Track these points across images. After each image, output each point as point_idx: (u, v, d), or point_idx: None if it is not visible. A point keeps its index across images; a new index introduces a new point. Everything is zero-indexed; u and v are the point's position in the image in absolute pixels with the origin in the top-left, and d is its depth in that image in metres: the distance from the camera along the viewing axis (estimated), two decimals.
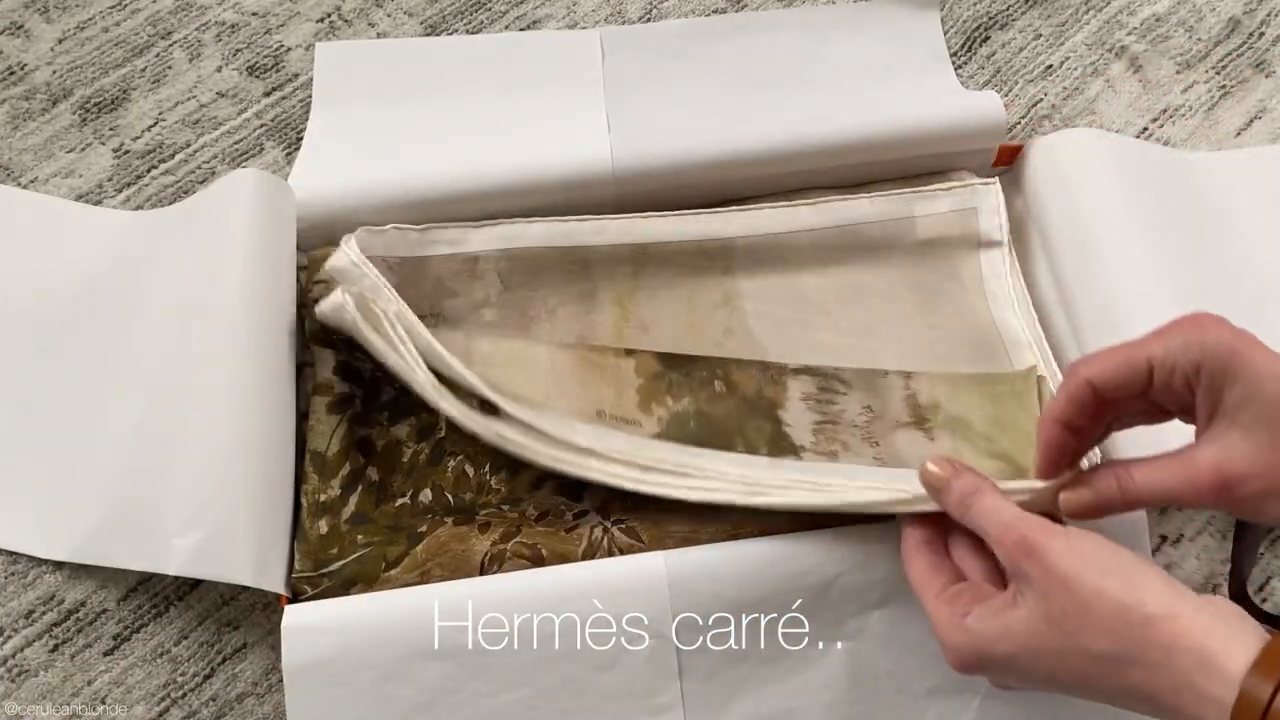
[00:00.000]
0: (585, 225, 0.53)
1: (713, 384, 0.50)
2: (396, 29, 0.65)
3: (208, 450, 0.45)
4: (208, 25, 0.65)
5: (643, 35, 0.62)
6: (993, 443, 0.48)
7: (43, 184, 0.59)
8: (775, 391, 0.50)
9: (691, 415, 0.49)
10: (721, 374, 0.51)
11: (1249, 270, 0.56)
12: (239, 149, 0.61)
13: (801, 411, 0.50)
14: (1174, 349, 0.36)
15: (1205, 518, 0.53)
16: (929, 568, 0.40)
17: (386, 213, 0.53)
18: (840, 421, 0.50)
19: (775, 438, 0.48)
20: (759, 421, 0.49)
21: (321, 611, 0.43)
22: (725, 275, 0.55)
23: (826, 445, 0.48)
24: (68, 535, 0.48)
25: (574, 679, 0.43)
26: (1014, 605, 0.36)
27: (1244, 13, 0.67)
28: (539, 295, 0.53)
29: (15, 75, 0.62)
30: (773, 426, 0.49)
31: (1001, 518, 0.37)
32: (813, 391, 0.51)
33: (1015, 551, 0.36)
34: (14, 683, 0.47)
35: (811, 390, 0.51)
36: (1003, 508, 0.37)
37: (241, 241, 0.49)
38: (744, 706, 0.44)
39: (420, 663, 0.42)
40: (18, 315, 0.54)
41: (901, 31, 0.63)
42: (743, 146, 0.55)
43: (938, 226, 0.56)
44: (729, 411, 0.49)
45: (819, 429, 0.49)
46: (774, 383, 0.51)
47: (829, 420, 0.49)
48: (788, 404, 0.50)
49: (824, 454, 0.48)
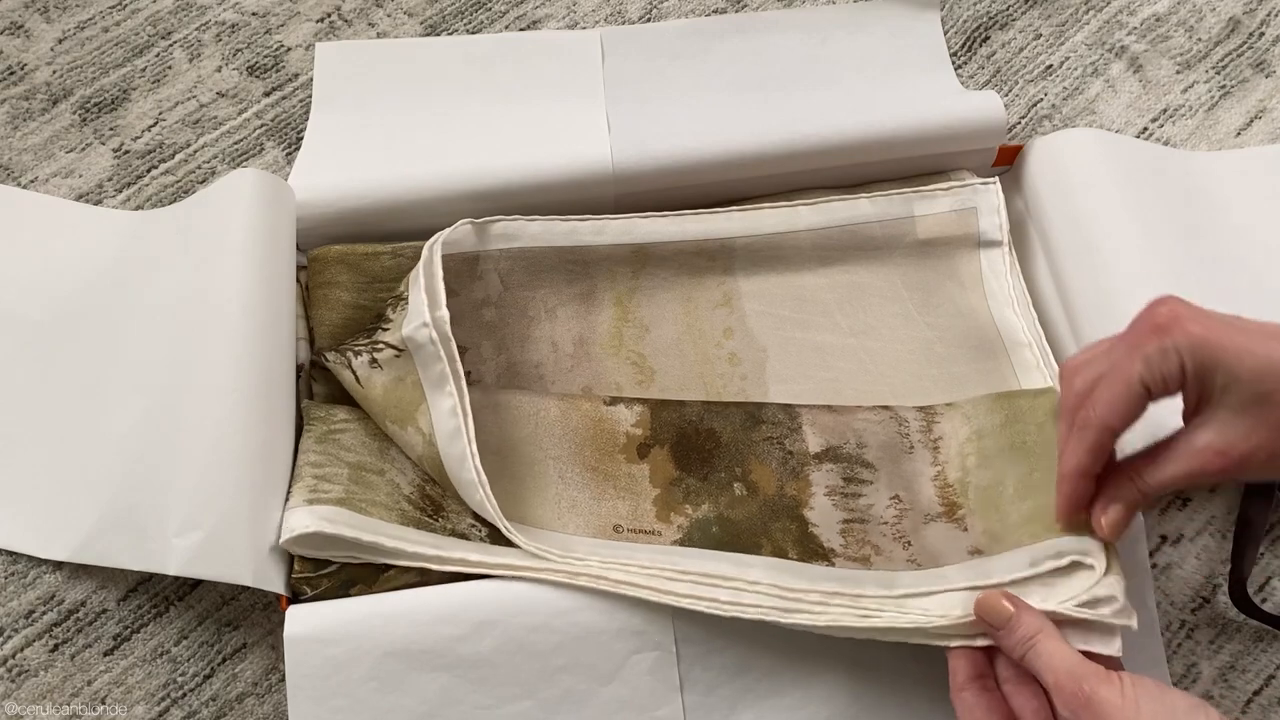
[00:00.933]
0: (585, 225, 0.53)
1: (732, 487, 0.48)
2: (396, 29, 0.65)
3: (207, 450, 0.45)
4: (208, 25, 0.65)
5: (643, 35, 0.62)
6: (1023, 500, 0.45)
7: (43, 184, 0.59)
8: (798, 488, 0.48)
9: (713, 521, 0.46)
10: (740, 472, 0.48)
11: (1248, 270, 0.56)
12: (239, 149, 0.61)
13: (828, 509, 0.47)
14: (1155, 362, 0.38)
15: (1205, 518, 0.53)
16: (984, 709, 0.40)
17: (386, 213, 0.53)
18: (869, 520, 0.47)
19: (803, 539, 0.46)
20: (784, 523, 0.46)
21: (323, 619, 0.43)
22: (725, 275, 0.55)
23: (857, 549, 0.46)
24: (68, 535, 0.48)
25: (575, 691, 0.43)
26: None
27: (1244, 13, 0.67)
28: (539, 295, 0.53)
29: (15, 75, 0.62)
30: (799, 527, 0.46)
31: (1062, 665, 0.38)
32: (837, 484, 0.48)
33: (1074, 702, 0.37)
34: (14, 683, 0.47)
35: (836, 483, 0.48)
36: (1064, 654, 0.38)
37: (241, 241, 0.49)
38: None
39: (423, 675, 0.43)
40: (18, 315, 0.54)
41: (902, 31, 0.63)
42: (743, 146, 0.55)
43: (938, 226, 0.56)
44: (752, 514, 0.47)
45: (847, 529, 0.46)
46: (796, 477, 0.48)
47: (857, 519, 0.47)
48: (812, 501, 0.47)
49: (855, 560, 0.45)
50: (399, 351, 0.46)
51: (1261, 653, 0.51)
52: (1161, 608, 0.52)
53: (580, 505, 0.47)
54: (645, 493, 0.48)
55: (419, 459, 0.47)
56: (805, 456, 0.49)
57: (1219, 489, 0.54)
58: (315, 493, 0.44)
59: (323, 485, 0.45)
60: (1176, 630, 0.51)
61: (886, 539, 0.46)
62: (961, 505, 0.47)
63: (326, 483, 0.45)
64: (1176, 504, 0.54)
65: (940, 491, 0.48)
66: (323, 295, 0.51)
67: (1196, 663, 0.50)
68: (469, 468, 0.44)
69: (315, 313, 0.51)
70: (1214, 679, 0.50)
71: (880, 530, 0.47)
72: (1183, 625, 0.51)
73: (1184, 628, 0.51)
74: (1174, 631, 0.51)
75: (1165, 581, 0.52)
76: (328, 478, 0.45)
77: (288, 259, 0.51)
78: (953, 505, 0.47)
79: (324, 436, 0.47)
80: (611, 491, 0.47)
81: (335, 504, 0.44)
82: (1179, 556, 0.53)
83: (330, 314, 0.51)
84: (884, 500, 0.48)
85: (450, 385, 0.45)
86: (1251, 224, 0.58)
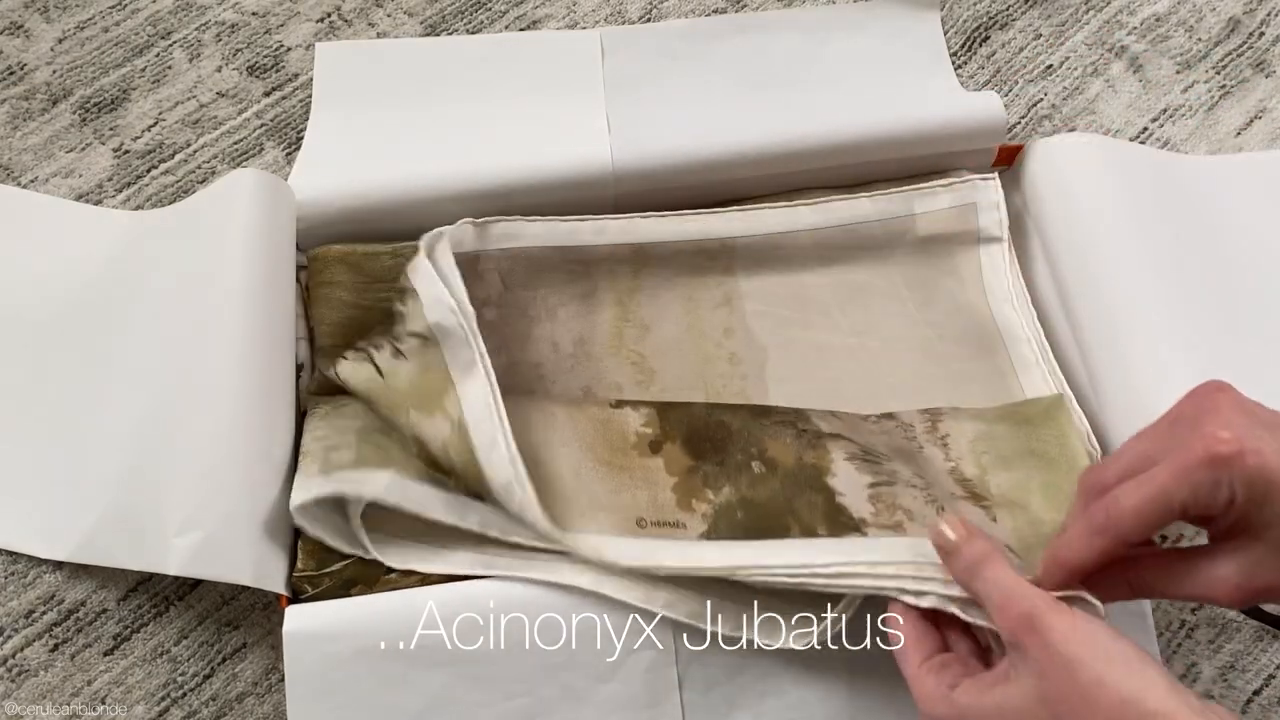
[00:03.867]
0: (585, 225, 0.53)
1: (750, 466, 0.46)
2: (396, 29, 0.65)
3: (207, 450, 0.45)
4: (208, 25, 0.65)
5: (643, 35, 0.62)
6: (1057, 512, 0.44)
7: (43, 184, 0.59)
8: (818, 456, 0.47)
9: (737, 505, 0.45)
10: (756, 451, 0.47)
11: (1245, 274, 0.56)
12: (239, 149, 0.61)
13: (851, 474, 0.46)
14: (1204, 493, 0.34)
15: None
16: (914, 635, 0.39)
17: (386, 213, 0.53)
18: (896, 482, 0.45)
19: (831, 512, 0.44)
20: (810, 495, 0.45)
21: (322, 617, 0.43)
22: (726, 275, 0.55)
23: (889, 515, 0.44)
24: (68, 535, 0.48)
25: (573, 689, 0.43)
26: (1006, 681, 0.35)
27: (1244, 13, 0.67)
28: (539, 295, 0.53)
29: (15, 75, 0.62)
30: (825, 499, 0.45)
31: (1008, 587, 0.36)
32: (857, 453, 0.47)
33: (1018, 624, 0.34)
34: (14, 683, 0.47)
35: (855, 452, 0.47)
36: (1011, 578, 0.36)
37: (241, 241, 0.49)
38: (743, 718, 0.44)
39: (422, 672, 0.42)
40: (17, 315, 0.54)
41: (901, 31, 0.63)
42: (743, 146, 0.55)
43: (938, 223, 0.56)
44: (774, 492, 0.45)
45: (876, 494, 0.45)
46: (813, 447, 0.47)
47: (884, 481, 0.45)
48: (834, 467, 0.46)
49: (888, 526, 0.44)
50: (424, 339, 0.46)
51: (1261, 653, 0.51)
52: (1161, 608, 0.52)
53: (599, 499, 0.45)
54: (663, 482, 0.46)
55: (444, 445, 0.45)
56: (819, 433, 0.48)
57: None
58: (328, 463, 0.44)
59: (333, 455, 0.45)
60: (1176, 630, 0.51)
61: (919, 501, 0.44)
62: (985, 498, 0.46)
63: (336, 451, 0.45)
64: None
65: (960, 483, 0.47)
66: (323, 295, 0.51)
67: (1196, 663, 0.50)
68: (501, 451, 0.42)
69: (315, 312, 0.51)
70: (1214, 679, 0.50)
71: (911, 493, 0.45)
72: (1183, 625, 0.51)
73: (1184, 628, 0.51)
74: (1174, 631, 0.51)
75: None
76: (336, 446, 0.45)
77: (288, 259, 0.51)
78: (976, 495, 0.46)
79: (326, 414, 0.47)
80: (628, 482, 0.46)
81: (351, 467, 0.44)
82: None
83: (330, 313, 0.51)
84: (907, 473, 0.46)
85: (480, 368, 0.44)
86: (1249, 228, 0.58)
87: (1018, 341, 0.53)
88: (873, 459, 0.47)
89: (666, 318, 0.54)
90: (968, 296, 0.55)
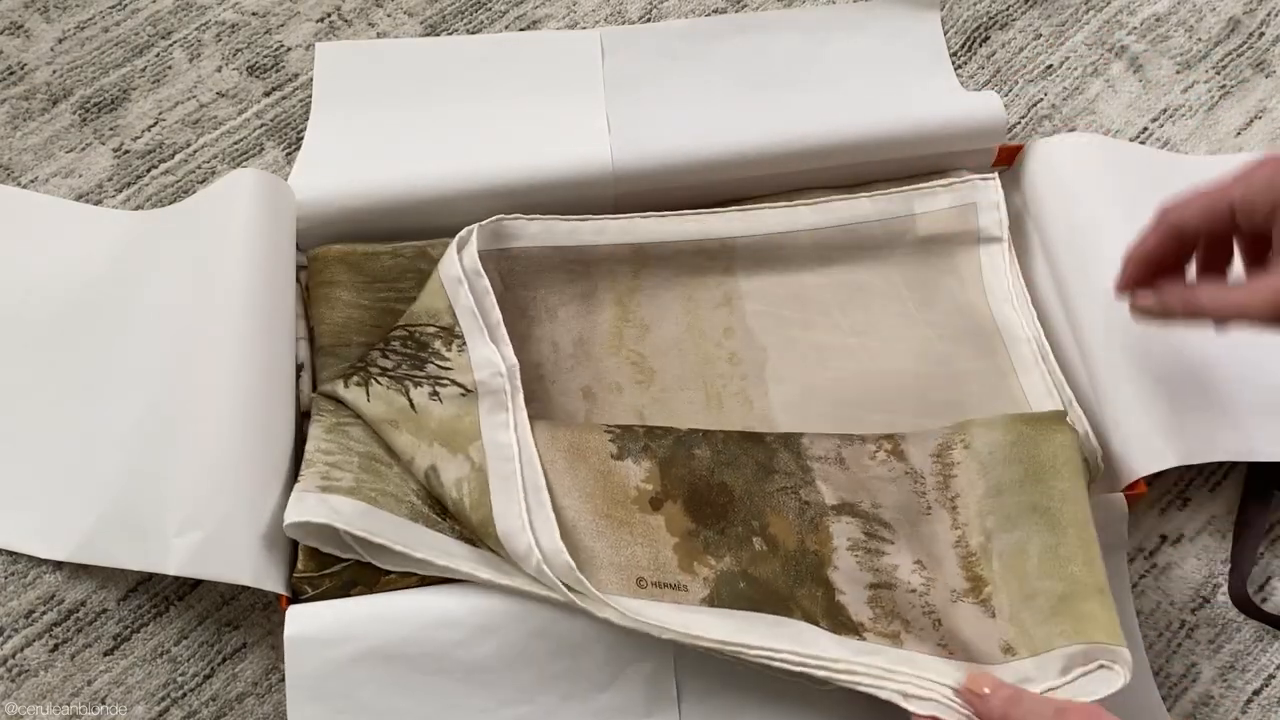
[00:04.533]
0: (585, 225, 0.53)
1: (751, 541, 0.45)
2: (396, 29, 0.65)
3: (208, 450, 0.45)
4: (208, 25, 0.65)
5: (643, 35, 0.62)
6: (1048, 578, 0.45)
7: (43, 184, 0.59)
8: (819, 541, 0.46)
9: (739, 575, 0.44)
10: (758, 526, 0.46)
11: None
12: (239, 149, 0.61)
13: (852, 569, 0.45)
14: (1256, 190, 0.39)
15: (1205, 518, 0.53)
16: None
17: (386, 213, 0.53)
18: (895, 585, 0.45)
19: (831, 610, 0.44)
20: (809, 588, 0.44)
21: (324, 620, 0.43)
22: (726, 275, 0.55)
23: (887, 624, 0.44)
24: (68, 535, 0.48)
25: (573, 697, 0.44)
26: None
27: (1244, 13, 0.67)
28: (539, 295, 0.53)
29: (15, 75, 0.62)
30: (825, 593, 0.44)
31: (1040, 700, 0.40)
32: (859, 538, 0.46)
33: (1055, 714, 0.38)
34: (14, 683, 0.47)
35: (858, 536, 0.46)
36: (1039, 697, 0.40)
37: (241, 241, 0.49)
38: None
39: (423, 678, 0.43)
40: (18, 315, 0.54)
41: (901, 31, 0.63)
42: (743, 146, 0.55)
43: (938, 223, 0.56)
44: (775, 574, 0.45)
45: (875, 598, 0.45)
46: (815, 529, 0.46)
47: (884, 584, 0.45)
48: (835, 559, 0.46)
49: (886, 635, 0.44)
50: (466, 391, 0.46)
51: (1261, 653, 0.51)
52: (1161, 608, 0.52)
53: (599, 556, 0.44)
54: (664, 540, 0.45)
55: (459, 480, 0.44)
56: (822, 508, 0.47)
57: (1218, 489, 0.54)
58: (327, 480, 0.44)
59: (334, 473, 0.45)
60: (1176, 630, 0.51)
61: (916, 611, 0.45)
62: (986, 580, 0.46)
63: (338, 470, 0.45)
64: (1177, 504, 0.54)
65: (963, 562, 0.47)
66: (323, 294, 0.51)
67: (1196, 663, 0.50)
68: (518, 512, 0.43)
69: (315, 312, 0.51)
70: (1214, 679, 0.50)
71: (909, 600, 0.45)
72: (1183, 625, 0.51)
73: (1184, 628, 0.51)
74: (1174, 631, 0.51)
75: (1165, 581, 0.52)
76: (339, 465, 0.45)
77: (288, 259, 0.51)
78: (978, 580, 0.46)
79: (333, 427, 0.47)
80: (629, 538, 0.44)
81: (347, 494, 0.44)
82: (1179, 556, 0.53)
83: (331, 313, 0.51)
84: (908, 564, 0.46)
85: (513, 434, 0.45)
86: None
87: (1018, 341, 0.53)
88: (875, 543, 0.46)
89: (666, 317, 0.54)
90: (968, 296, 0.55)
